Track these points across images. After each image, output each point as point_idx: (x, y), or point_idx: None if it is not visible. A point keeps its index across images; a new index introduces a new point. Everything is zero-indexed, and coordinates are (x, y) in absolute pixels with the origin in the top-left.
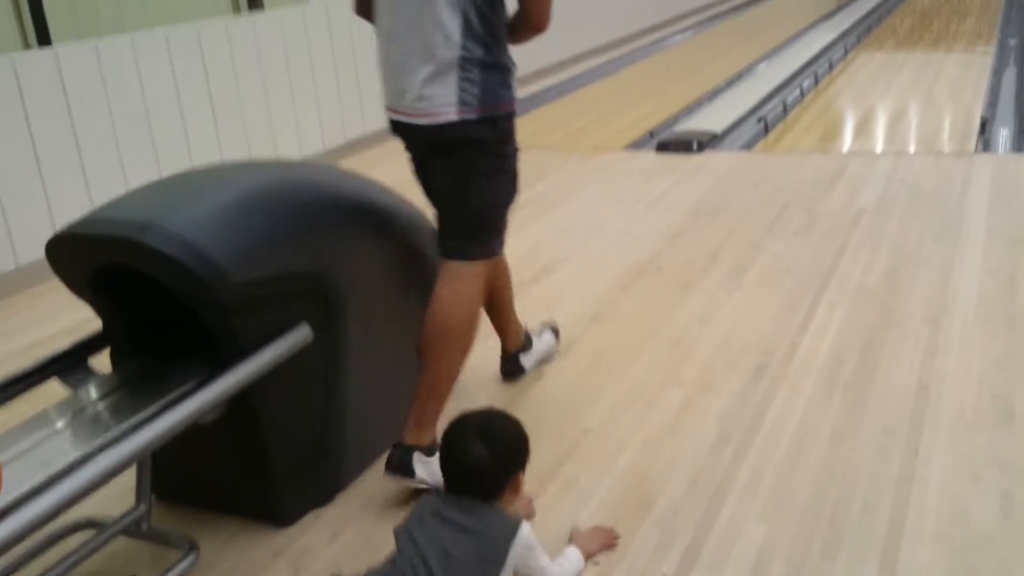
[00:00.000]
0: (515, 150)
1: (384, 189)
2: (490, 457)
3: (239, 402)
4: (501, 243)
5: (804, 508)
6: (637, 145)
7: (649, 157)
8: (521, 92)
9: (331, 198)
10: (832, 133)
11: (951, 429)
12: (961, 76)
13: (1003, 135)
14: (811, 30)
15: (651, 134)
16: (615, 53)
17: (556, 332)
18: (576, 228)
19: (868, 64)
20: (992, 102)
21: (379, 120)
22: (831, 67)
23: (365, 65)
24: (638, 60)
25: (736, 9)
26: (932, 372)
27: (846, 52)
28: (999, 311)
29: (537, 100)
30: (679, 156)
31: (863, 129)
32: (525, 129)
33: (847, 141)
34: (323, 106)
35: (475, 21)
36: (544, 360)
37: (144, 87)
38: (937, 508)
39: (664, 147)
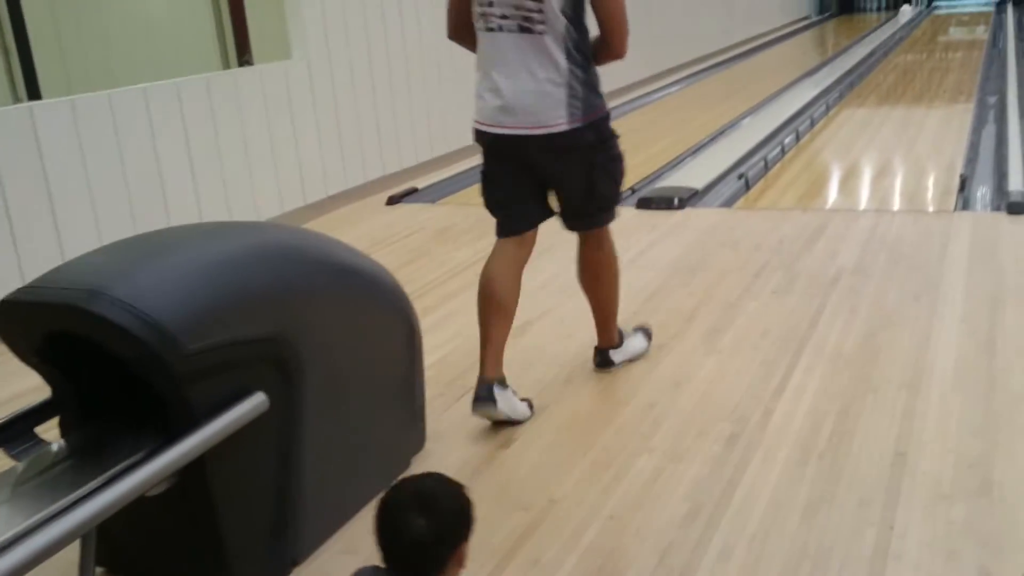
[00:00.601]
0: (616, 138)
1: (348, 249)
2: (430, 529)
3: (190, 472)
4: (616, 210)
5: None
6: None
7: (629, 213)
8: None
9: (290, 260)
10: (813, 190)
11: (928, 500)
12: (942, 133)
13: (982, 193)
14: (794, 86)
15: (632, 190)
16: None
17: (531, 406)
18: (550, 287)
19: (850, 120)
20: (972, 159)
21: (360, 175)
22: (812, 124)
23: (347, 120)
24: (623, 115)
25: (721, 64)
26: (909, 440)
27: (828, 108)
28: (978, 375)
29: None
30: (660, 213)
31: (844, 186)
32: None
33: (827, 198)
34: (304, 162)
35: (573, 49)
36: (511, 419)
37: (121, 143)
38: None
39: (645, 204)
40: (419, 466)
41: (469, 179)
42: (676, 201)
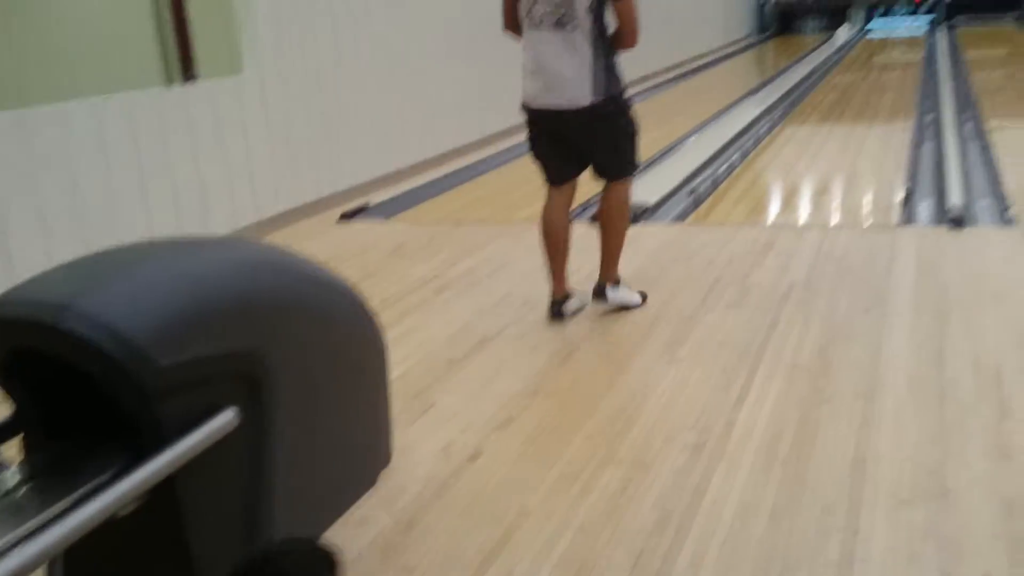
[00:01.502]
0: (631, 105)
1: (314, 264)
2: None
3: (160, 491)
4: (637, 163)
5: None
6: (572, 217)
7: (583, 229)
8: (456, 163)
9: (261, 275)
10: (761, 206)
11: (889, 506)
12: (882, 150)
13: (923, 208)
14: (737, 105)
15: (584, 206)
16: None
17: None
18: (508, 303)
19: (793, 138)
20: (912, 175)
21: (314, 191)
22: (757, 141)
23: (300, 135)
24: None
25: (668, 83)
26: (867, 448)
27: (772, 127)
28: (929, 385)
29: (473, 171)
30: None
31: (790, 202)
32: (458, 202)
33: (775, 214)
34: (257, 177)
35: (598, 41)
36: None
37: (71, 159)
38: None
39: (598, 218)
40: (386, 481)
41: (422, 195)
42: (630, 216)
